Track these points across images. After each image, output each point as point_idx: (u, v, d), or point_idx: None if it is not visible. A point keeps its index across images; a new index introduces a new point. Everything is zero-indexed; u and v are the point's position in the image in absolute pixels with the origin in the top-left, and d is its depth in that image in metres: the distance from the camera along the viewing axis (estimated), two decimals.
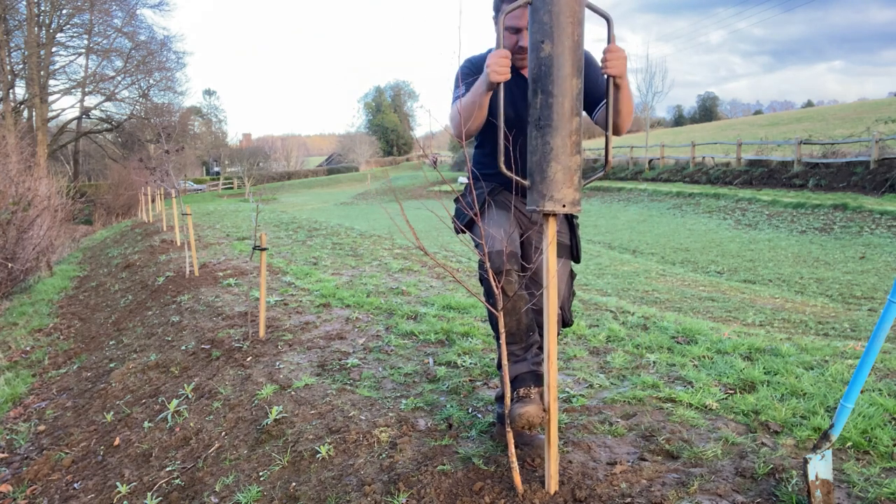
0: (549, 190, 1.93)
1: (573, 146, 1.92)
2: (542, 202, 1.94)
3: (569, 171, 1.92)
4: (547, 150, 1.92)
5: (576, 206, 1.96)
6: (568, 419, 2.70)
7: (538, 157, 1.94)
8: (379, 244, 8.82)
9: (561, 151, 1.91)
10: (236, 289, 5.93)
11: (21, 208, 9.54)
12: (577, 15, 1.89)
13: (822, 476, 1.88)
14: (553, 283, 2.00)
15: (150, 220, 14.85)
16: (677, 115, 72.22)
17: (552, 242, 1.98)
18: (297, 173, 62.09)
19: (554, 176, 1.92)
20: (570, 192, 1.93)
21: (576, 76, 1.90)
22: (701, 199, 18.22)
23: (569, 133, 1.91)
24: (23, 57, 32.41)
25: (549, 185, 1.93)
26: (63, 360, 5.61)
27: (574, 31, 1.89)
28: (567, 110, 1.90)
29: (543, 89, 1.91)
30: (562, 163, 1.91)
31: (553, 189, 1.92)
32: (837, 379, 3.00)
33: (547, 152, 1.92)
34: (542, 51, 1.91)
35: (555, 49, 1.88)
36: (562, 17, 1.87)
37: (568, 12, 1.88)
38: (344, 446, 2.60)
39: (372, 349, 3.88)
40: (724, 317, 6.44)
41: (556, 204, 1.93)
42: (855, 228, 12.48)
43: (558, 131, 1.90)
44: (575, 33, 1.89)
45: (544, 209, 1.94)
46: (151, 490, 2.79)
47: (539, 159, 1.94)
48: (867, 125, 21.24)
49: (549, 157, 1.92)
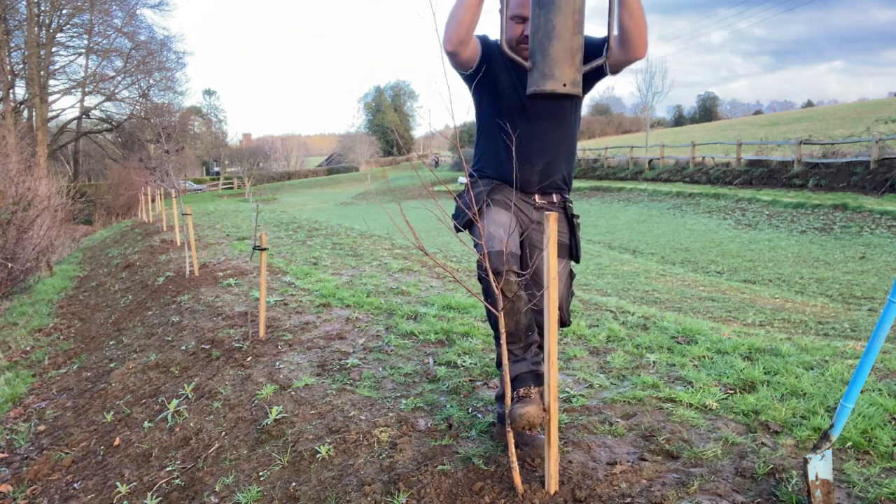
0: (549, 68, 1.90)
1: (575, 25, 1.90)
2: (543, 82, 1.91)
3: (570, 50, 1.90)
4: (549, 27, 1.90)
5: (576, 86, 1.93)
6: (568, 419, 2.70)
7: (540, 36, 1.91)
8: (379, 244, 8.82)
9: (563, 29, 1.89)
10: (236, 289, 5.93)
11: (21, 208, 9.54)
12: None
13: (822, 476, 1.88)
14: (553, 282, 2.00)
15: (150, 220, 14.85)
16: (677, 115, 72.22)
17: (553, 241, 1.98)
18: (297, 173, 62.11)
19: (555, 55, 1.89)
20: (570, 71, 1.91)
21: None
22: (701, 199, 18.22)
23: (571, 12, 1.89)
24: (23, 57, 32.41)
25: (549, 64, 1.90)
26: (63, 360, 5.61)
27: None
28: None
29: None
30: (563, 41, 1.89)
31: (554, 67, 1.90)
32: (837, 379, 3.00)
33: (549, 30, 1.90)
34: None
35: None
36: None
37: None
38: (344, 446, 2.60)
39: (372, 349, 3.88)
40: (724, 317, 6.44)
41: (557, 83, 1.91)
42: (855, 228, 12.48)
43: (561, 9, 1.89)
44: None
45: (544, 89, 1.91)
46: (151, 490, 2.79)
47: (541, 37, 1.91)
48: (867, 125, 21.24)
49: (552, 35, 1.89)
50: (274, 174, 57.57)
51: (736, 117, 66.09)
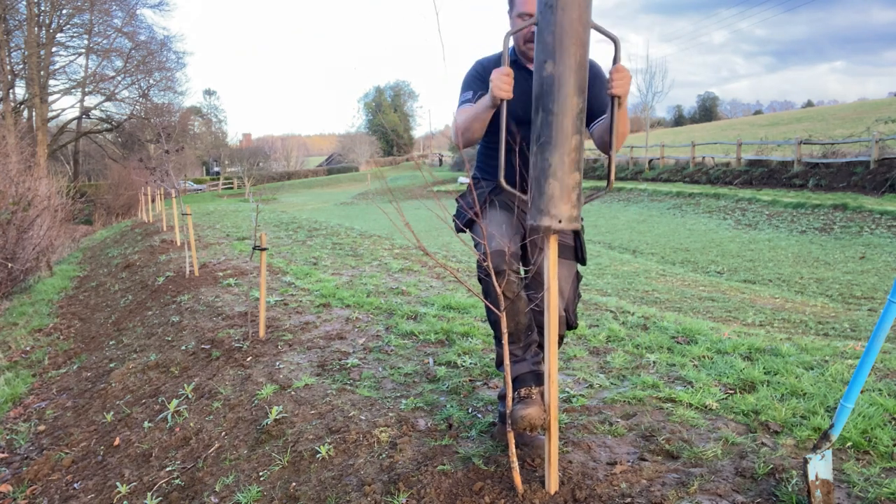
0: (546, 206, 1.94)
1: (572, 164, 1.93)
2: (539, 217, 1.96)
3: (566, 188, 1.94)
4: (545, 166, 1.93)
5: (573, 222, 1.97)
6: (568, 419, 2.70)
7: (537, 174, 1.96)
8: (379, 244, 8.82)
9: (559, 168, 1.92)
10: (236, 289, 5.93)
11: (21, 208, 9.54)
12: (581, 37, 1.90)
13: (822, 476, 1.88)
14: (554, 294, 2.00)
15: (150, 220, 14.85)
16: (677, 115, 72.21)
17: (553, 260, 1.99)
18: (297, 173, 62.08)
19: (551, 192, 1.93)
20: (566, 208, 1.94)
21: (577, 95, 1.91)
22: (701, 199, 18.22)
23: (567, 151, 1.92)
24: (23, 57, 32.41)
25: (546, 202, 1.94)
26: (63, 360, 5.61)
27: (577, 51, 1.89)
28: (567, 128, 1.91)
29: (544, 107, 1.93)
30: (559, 179, 1.93)
31: (550, 205, 1.94)
32: (837, 379, 3.00)
33: (545, 168, 1.93)
34: (545, 70, 1.91)
35: (556, 69, 1.89)
36: (565, 38, 1.88)
37: (571, 34, 1.88)
38: (344, 446, 2.60)
39: (372, 349, 3.88)
40: (724, 317, 6.44)
41: (553, 220, 1.94)
42: (855, 228, 12.48)
43: (557, 149, 1.92)
44: (578, 54, 1.90)
45: (541, 224, 1.96)
46: (151, 490, 2.79)
47: (538, 175, 1.95)
48: (867, 125, 21.24)
49: (547, 173, 1.93)
50: (274, 174, 57.55)
51: (736, 117, 66.08)
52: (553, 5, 1.88)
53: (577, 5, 1.88)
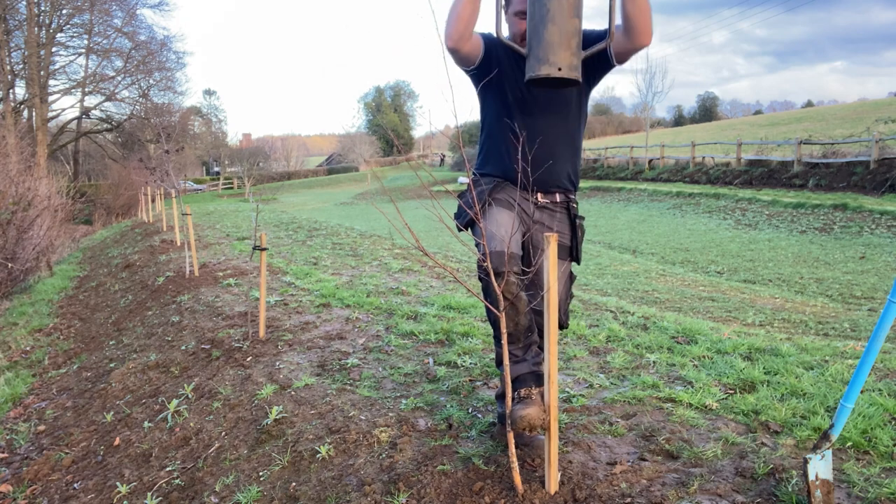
0: (545, 53, 1.86)
1: (570, 8, 1.87)
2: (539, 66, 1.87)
3: (566, 33, 1.86)
4: (543, 12, 1.86)
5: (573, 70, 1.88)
6: (568, 419, 2.70)
7: (535, 21, 1.88)
8: (379, 244, 8.82)
9: (557, 13, 1.86)
10: (236, 289, 5.93)
11: (21, 208, 9.54)
12: None
13: (822, 476, 1.88)
14: (554, 295, 2.00)
15: (150, 220, 14.84)
16: (677, 115, 72.17)
17: (553, 262, 1.96)
18: (297, 173, 62.07)
19: (550, 38, 1.86)
20: (566, 55, 1.87)
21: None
22: (701, 199, 18.22)
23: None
24: (23, 57, 32.41)
25: (545, 48, 1.86)
26: (63, 360, 5.62)
27: None
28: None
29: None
30: (558, 24, 1.86)
31: (549, 52, 1.86)
32: (837, 379, 3.00)
33: (543, 14, 1.86)
34: None
35: None
36: None
37: None
38: (344, 446, 2.60)
39: (372, 349, 3.88)
40: (724, 317, 6.44)
41: (552, 67, 1.86)
42: (855, 228, 12.48)
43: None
44: None
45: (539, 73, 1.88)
46: (151, 490, 2.79)
47: (536, 23, 1.88)
48: (867, 125, 21.24)
49: (546, 18, 1.86)
50: (274, 174, 57.52)
51: (736, 117, 66.05)
52: None
53: None
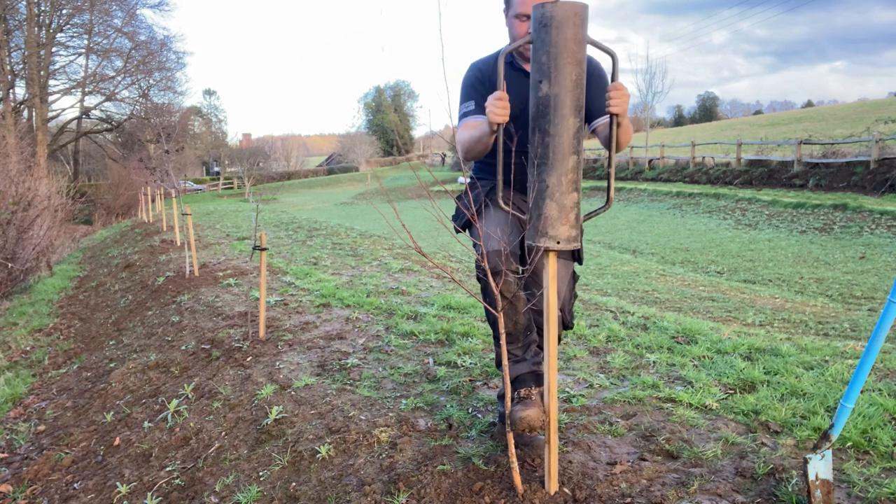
0: (544, 227, 1.94)
1: (569, 184, 1.92)
2: (538, 238, 1.96)
3: (564, 208, 1.93)
4: (543, 187, 1.93)
5: (571, 242, 1.97)
6: (568, 419, 2.70)
7: (535, 195, 1.95)
8: (379, 244, 8.82)
9: (556, 189, 1.92)
10: (236, 289, 5.93)
11: (21, 208, 9.54)
12: (577, 55, 1.87)
13: (822, 476, 1.88)
14: (553, 306, 2.00)
15: (150, 220, 14.85)
16: (677, 115, 72.19)
17: (553, 277, 1.99)
18: (297, 173, 62.05)
19: (549, 213, 1.92)
20: (565, 229, 1.94)
21: (574, 115, 1.89)
22: (701, 199, 18.22)
23: (565, 171, 1.91)
24: (23, 57, 32.41)
25: (544, 223, 1.93)
26: (63, 360, 5.62)
27: (573, 71, 1.87)
28: (564, 149, 1.90)
29: (541, 128, 1.91)
30: (556, 201, 1.92)
31: (548, 226, 1.93)
32: (837, 379, 3.00)
33: (542, 190, 1.93)
34: (541, 90, 1.89)
35: (552, 89, 1.87)
36: (560, 58, 1.85)
37: (566, 54, 1.85)
38: (344, 446, 2.60)
39: (372, 349, 3.88)
40: (724, 317, 6.44)
41: (551, 241, 1.94)
42: (855, 228, 12.48)
43: (554, 169, 1.91)
44: (574, 73, 1.87)
45: (538, 244, 1.96)
46: (151, 490, 2.79)
47: (536, 196, 1.95)
48: (867, 125, 21.25)
49: (545, 194, 1.92)
50: (274, 174, 57.51)
51: (736, 117, 66.06)
52: (548, 24, 1.85)
53: (571, 24, 1.84)
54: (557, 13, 1.84)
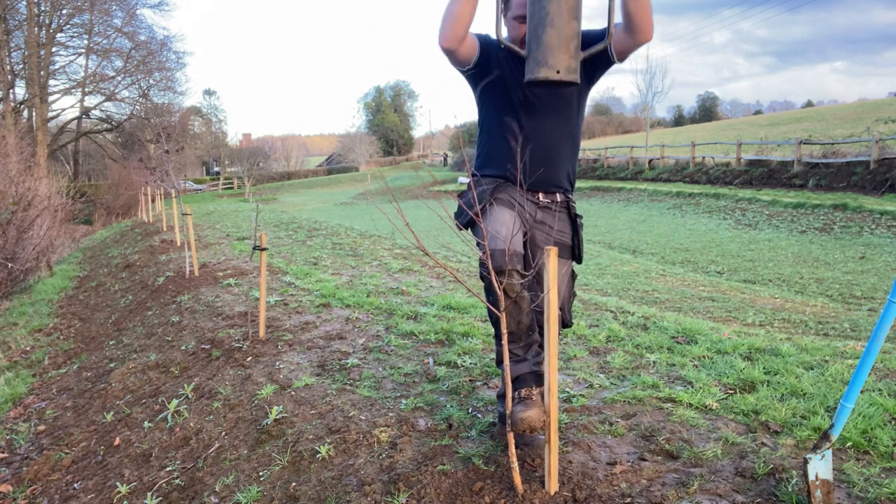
0: (543, 56, 1.88)
1: (569, 11, 1.87)
2: (537, 69, 1.89)
3: (564, 36, 1.87)
4: (542, 14, 1.87)
5: (571, 73, 1.90)
6: (568, 419, 2.70)
7: (534, 24, 1.89)
8: (379, 244, 8.82)
9: (556, 16, 1.86)
10: (236, 289, 5.93)
11: (21, 208, 9.54)
12: None
13: (822, 476, 1.88)
14: (553, 305, 1.99)
15: (150, 220, 14.85)
16: (677, 115, 72.14)
17: (553, 274, 1.96)
18: (297, 173, 62.04)
19: (549, 41, 1.87)
20: (565, 58, 1.88)
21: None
22: (701, 199, 18.22)
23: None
24: (23, 57, 32.41)
25: (543, 51, 1.87)
26: (63, 360, 5.62)
27: None
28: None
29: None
30: (557, 27, 1.86)
31: (548, 55, 1.87)
32: (837, 379, 3.00)
33: (542, 17, 1.87)
34: None
35: None
36: None
37: None
38: (344, 446, 2.60)
39: (372, 349, 3.88)
40: (724, 317, 6.44)
41: (551, 70, 1.88)
42: (855, 228, 12.48)
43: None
44: None
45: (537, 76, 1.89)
46: (151, 490, 2.79)
47: (535, 25, 1.89)
48: (867, 125, 21.24)
49: (545, 21, 1.87)
50: (274, 174, 57.48)
51: (736, 117, 66.03)
52: None
53: None
54: None
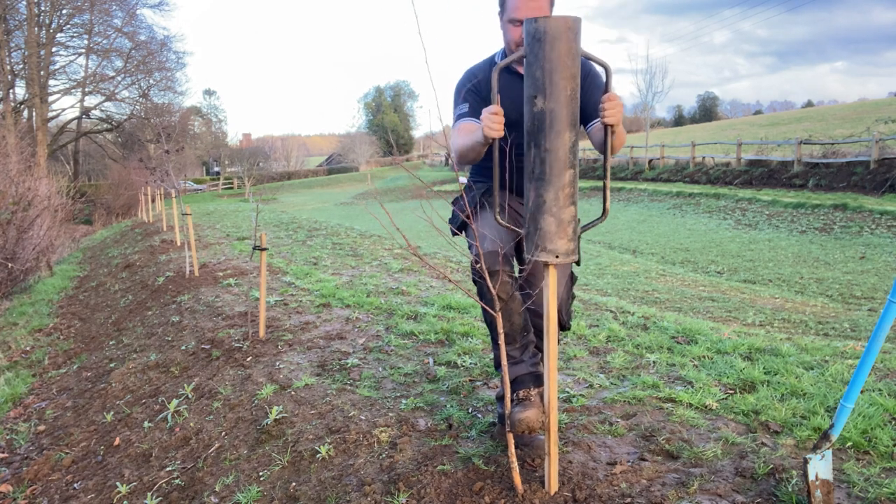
0: (542, 241, 1.95)
1: (566, 198, 1.93)
2: (536, 252, 1.97)
3: (561, 223, 1.94)
4: (540, 202, 1.93)
5: (570, 255, 1.98)
6: (568, 419, 2.70)
7: (532, 209, 1.96)
8: (379, 244, 8.82)
9: (553, 204, 1.92)
10: (236, 289, 5.93)
11: (21, 208, 9.54)
12: (571, 69, 1.86)
13: (822, 476, 1.88)
14: (553, 318, 2.00)
15: (150, 220, 14.85)
16: (677, 115, 72.18)
17: (553, 292, 1.99)
18: (297, 173, 62.01)
19: (547, 228, 1.93)
20: (562, 243, 1.95)
21: (569, 129, 1.89)
22: (701, 199, 18.22)
23: (561, 186, 1.92)
24: (23, 57, 32.42)
25: (542, 237, 1.94)
26: (63, 360, 5.62)
27: (567, 85, 1.86)
28: (560, 165, 1.90)
29: (537, 143, 1.91)
30: (554, 215, 1.93)
31: (546, 241, 1.94)
32: (837, 379, 3.00)
33: (540, 205, 1.93)
34: (535, 105, 1.89)
35: (547, 104, 1.87)
36: (554, 74, 1.85)
37: (561, 68, 1.84)
38: (344, 446, 2.60)
39: (372, 349, 3.88)
40: (724, 317, 6.44)
41: (549, 255, 1.95)
42: (855, 228, 12.48)
43: (551, 184, 1.91)
44: (568, 88, 1.87)
45: (538, 259, 1.97)
46: (151, 490, 2.79)
47: (533, 211, 1.96)
48: (867, 125, 21.24)
49: (542, 209, 1.93)
50: (274, 174, 57.46)
51: (736, 117, 66.05)
52: (541, 39, 1.83)
53: (565, 38, 1.83)
54: (550, 28, 1.83)
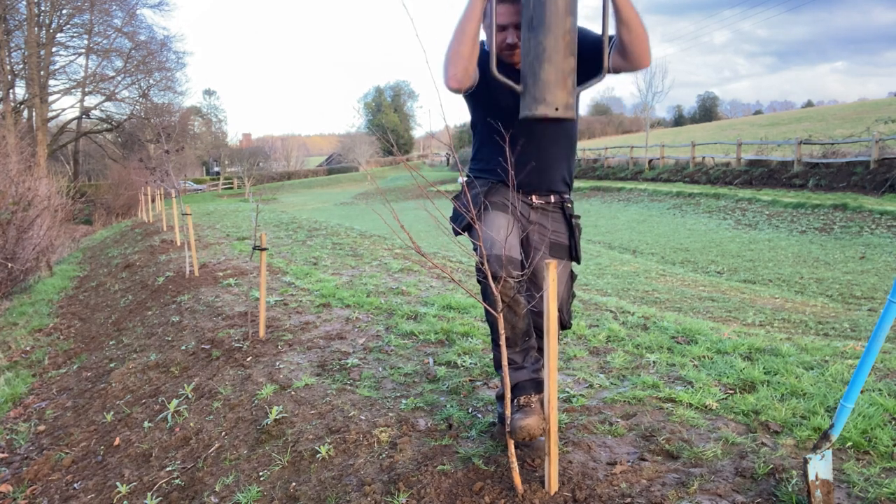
0: (541, 92, 1.86)
1: (566, 47, 1.86)
2: (534, 106, 1.88)
3: (562, 72, 1.86)
4: (539, 50, 1.85)
5: (568, 110, 1.89)
6: (568, 419, 2.70)
7: (531, 59, 1.87)
8: (379, 244, 8.82)
9: (553, 52, 1.85)
10: (236, 289, 5.93)
11: (21, 208, 9.54)
12: None
13: (822, 476, 1.88)
14: (553, 316, 1.99)
15: (150, 220, 14.84)
16: (677, 115, 72.17)
17: (553, 289, 1.95)
18: (297, 173, 62.01)
19: (546, 77, 1.86)
20: (562, 94, 1.87)
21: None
22: (701, 199, 18.22)
23: (562, 33, 1.85)
24: (23, 57, 32.42)
25: (541, 88, 1.86)
26: (63, 360, 5.62)
27: None
28: (560, 8, 1.84)
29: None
30: (554, 64, 1.85)
31: (546, 92, 1.86)
32: (837, 379, 3.00)
33: (539, 53, 1.85)
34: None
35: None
36: None
37: None
38: (344, 446, 2.60)
39: (372, 349, 3.88)
40: (724, 317, 6.44)
41: (549, 107, 1.87)
42: (855, 228, 12.48)
43: (551, 30, 1.84)
44: None
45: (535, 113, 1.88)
46: (151, 490, 2.79)
47: (532, 61, 1.87)
48: (867, 125, 21.24)
49: (542, 58, 1.85)
50: (274, 174, 57.45)
51: (736, 117, 66.05)
52: None
53: None
54: None
